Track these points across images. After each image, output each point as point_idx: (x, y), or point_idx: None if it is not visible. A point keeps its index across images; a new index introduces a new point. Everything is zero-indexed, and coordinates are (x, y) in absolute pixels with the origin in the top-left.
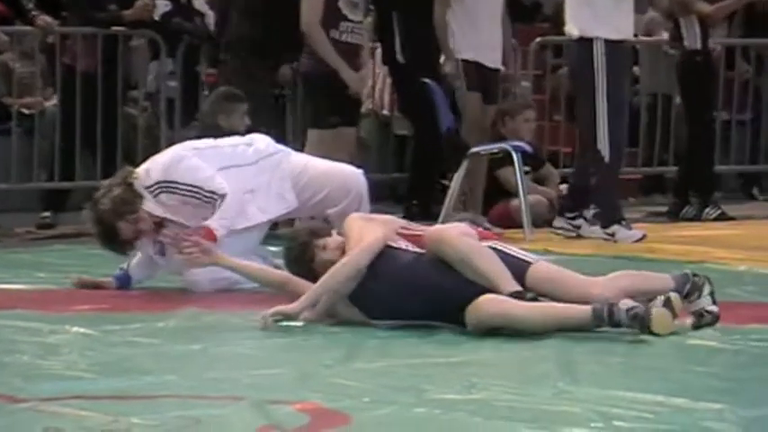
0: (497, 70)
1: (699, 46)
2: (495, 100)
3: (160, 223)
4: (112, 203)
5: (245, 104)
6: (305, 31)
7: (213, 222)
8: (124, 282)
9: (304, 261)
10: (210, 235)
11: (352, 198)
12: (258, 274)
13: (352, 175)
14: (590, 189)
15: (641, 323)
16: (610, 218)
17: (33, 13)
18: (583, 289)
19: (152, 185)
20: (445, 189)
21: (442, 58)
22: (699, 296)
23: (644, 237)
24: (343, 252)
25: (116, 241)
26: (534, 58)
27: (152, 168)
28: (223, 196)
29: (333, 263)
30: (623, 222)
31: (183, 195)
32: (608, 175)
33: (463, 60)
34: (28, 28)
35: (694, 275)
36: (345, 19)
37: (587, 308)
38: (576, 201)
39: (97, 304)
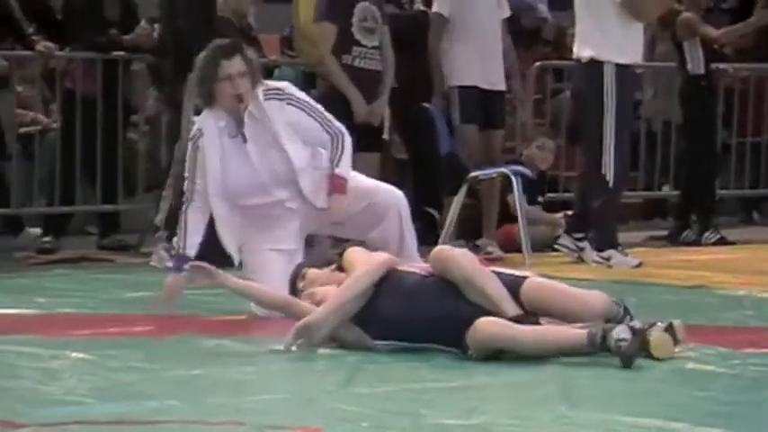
0: (501, 92)
1: (702, 71)
2: (500, 124)
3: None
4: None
5: None
6: (319, 58)
7: (343, 170)
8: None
9: (294, 288)
10: (341, 184)
11: (392, 216)
12: (260, 295)
13: (392, 193)
14: (590, 211)
15: (623, 358)
16: (606, 242)
17: (34, 37)
18: (578, 300)
19: (277, 90)
20: (430, 217)
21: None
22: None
23: (640, 264)
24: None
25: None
26: (534, 82)
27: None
28: (345, 136)
29: (313, 299)
30: (619, 248)
31: (309, 115)
32: (610, 200)
33: (462, 87)
34: (28, 53)
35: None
36: (358, 44)
37: (582, 333)
38: (582, 222)
39: (97, 329)
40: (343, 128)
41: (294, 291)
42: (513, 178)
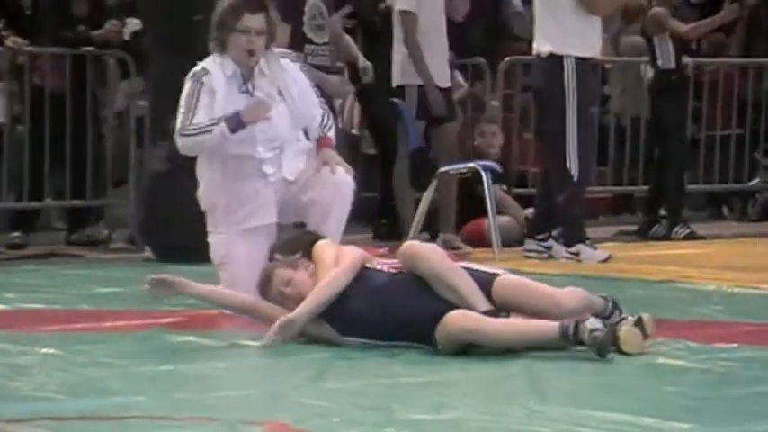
0: (448, 89)
1: (673, 65)
2: (453, 117)
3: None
4: None
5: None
6: None
7: (329, 132)
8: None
9: (265, 286)
10: (327, 142)
11: (334, 191)
12: (225, 299)
13: (344, 177)
14: (555, 207)
15: (599, 348)
16: (574, 237)
17: (2, 33)
18: (550, 298)
19: (291, 54)
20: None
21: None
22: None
23: (609, 258)
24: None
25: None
26: (503, 77)
27: None
28: (333, 117)
29: (290, 299)
30: (587, 242)
31: (312, 87)
32: (575, 194)
33: (418, 85)
34: None
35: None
36: (310, 42)
37: (555, 324)
38: (544, 222)
39: (66, 324)
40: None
41: (264, 292)
42: (483, 173)
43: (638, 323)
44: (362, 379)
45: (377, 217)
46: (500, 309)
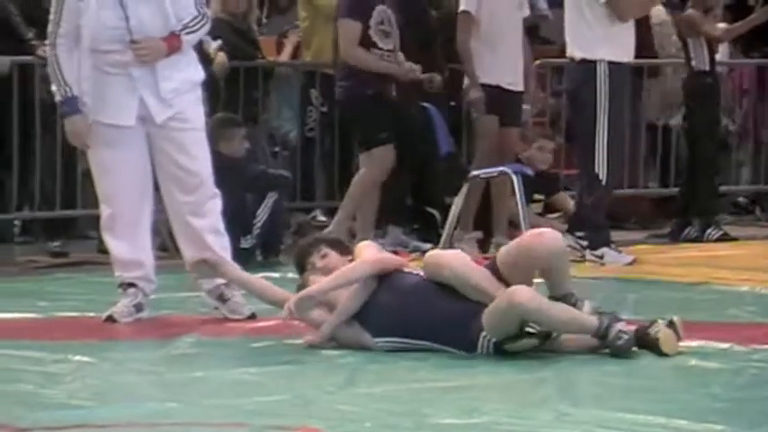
0: (519, 92)
1: (707, 67)
2: (516, 122)
3: None
4: None
5: (243, 129)
6: (346, 59)
7: (186, 38)
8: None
9: (304, 255)
10: (175, 39)
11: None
12: (262, 290)
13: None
14: (581, 208)
15: (618, 350)
16: (599, 240)
17: (33, 42)
18: (540, 250)
19: None
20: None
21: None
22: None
23: (634, 261)
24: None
25: None
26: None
27: None
28: (208, 22)
29: (320, 272)
30: (612, 246)
31: None
32: (602, 197)
33: (483, 84)
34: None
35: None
36: (375, 46)
37: (594, 318)
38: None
39: (99, 332)
40: (208, 14)
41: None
42: (514, 177)
43: (671, 325)
44: (393, 384)
45: (410, 221)
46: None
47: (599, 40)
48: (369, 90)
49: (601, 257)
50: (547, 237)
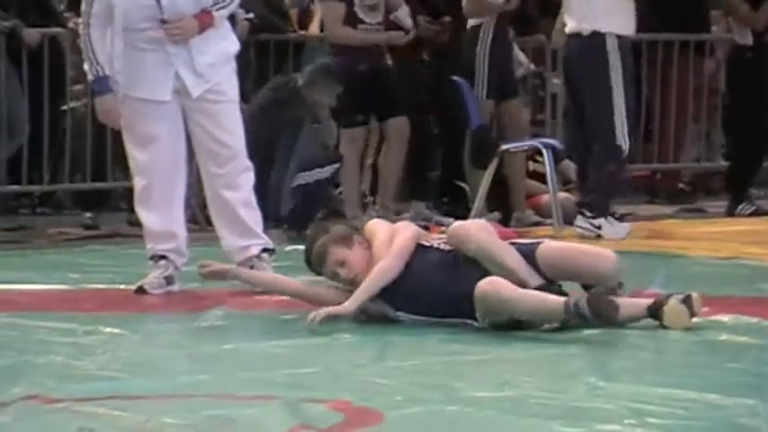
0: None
1: (749, 42)
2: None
3: None
4: None
5: (339, 88)
6: (331, 39)
7: (218, 14)
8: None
9: (319, 265)
10: (207, 16)
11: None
12: (274, 284)
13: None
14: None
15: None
16: (602, 210)
17: (65, 14)
18: (594, 256)
19: None
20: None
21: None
22: None
23: (629, 233)
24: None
25: None
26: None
27: None
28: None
29: (344, 281)
30: (609, 218)
31: None
32: (621, 169)
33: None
34: (59, 29)
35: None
36: (362, 22)
37: (560, 300)
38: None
39: (130, 304)
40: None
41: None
42: (545, 150)
43: (686, 300)
44: (424, 357)
45: (440, 195)
46: (550, 280)
47: (604, 15)
48: (361, 65)
49: (598, 227)
50: (608, 261)
